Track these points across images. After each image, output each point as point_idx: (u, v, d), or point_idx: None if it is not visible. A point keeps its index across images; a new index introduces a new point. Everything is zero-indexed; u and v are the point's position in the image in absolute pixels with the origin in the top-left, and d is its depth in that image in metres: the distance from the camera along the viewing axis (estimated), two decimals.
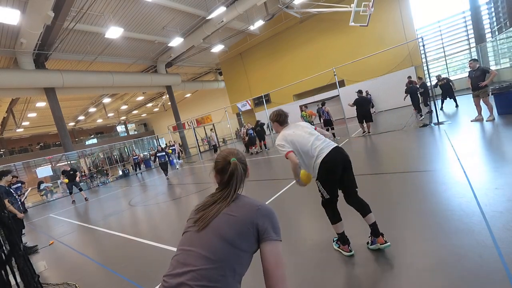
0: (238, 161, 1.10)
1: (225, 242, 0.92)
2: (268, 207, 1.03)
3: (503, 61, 12.88)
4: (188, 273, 0.88)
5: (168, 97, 22.67)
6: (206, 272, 0.87)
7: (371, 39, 15.52)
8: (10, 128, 26.24)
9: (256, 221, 0.96)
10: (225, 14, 13.64)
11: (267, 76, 21.15)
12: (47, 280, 3.43)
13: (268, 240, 0.95)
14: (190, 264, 0.90)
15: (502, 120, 6.18)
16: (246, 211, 0.98)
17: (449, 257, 1.98)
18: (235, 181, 1.07)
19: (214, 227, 0.95)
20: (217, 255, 0.90)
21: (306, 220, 3.44)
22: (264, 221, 0.97)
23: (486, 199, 2.69)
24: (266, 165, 8.44)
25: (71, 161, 17.18)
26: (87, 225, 5.96)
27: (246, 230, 0.94)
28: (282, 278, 0.92)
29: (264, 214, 0.98)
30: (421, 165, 4.36)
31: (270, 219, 0.99)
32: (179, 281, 0.87)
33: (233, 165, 1.08)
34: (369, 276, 2.02)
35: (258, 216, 0.97)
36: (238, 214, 0.97)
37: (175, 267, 0.94)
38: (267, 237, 0.95)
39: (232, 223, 0.96)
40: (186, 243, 0.98)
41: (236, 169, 1.08)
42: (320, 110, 9.39)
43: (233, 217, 0.97)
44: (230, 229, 0.94)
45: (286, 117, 2.52)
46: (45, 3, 9.00)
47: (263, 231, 0.95)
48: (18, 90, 14.08)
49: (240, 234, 0.94)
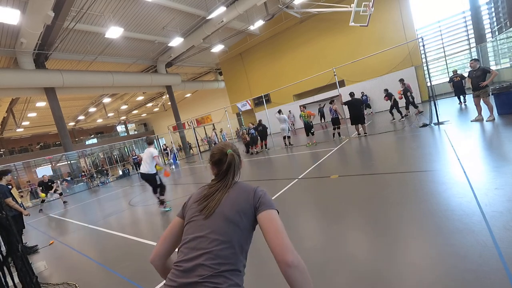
0: (234, 153, 1.21)
1: (231, 223, 1.02)
2: (262, 189, 1.14)
3: (503, 61, 12.86)
4: (202, 255, 0.96)
5: (168, 97, 22.66)
6: (220, 252, 0.97)
7: (371, 39, 15.51)
8: (10, 128, 26.22)
9: (252, 200, 1.08)
10: (225, 14, 13.63)
11: (267, 76, 21.14)
12: (47, 280, 3.43)
13: (263, 211, 1.04)
14: (203, 248, 0.98)
15: (502, 120, 6.17)
16: (244, 194, 1.10)
17: (449, 257, 1.98)
18: (232, 170, 1.17)
19: (219, 212, 1.05)
20: (226, 236, 1.00)
21: (306, 220, 3.44)
22: (259, 198, 1.08)
23: (486, 199, 2.69)
24: (266, 165, 8.44)
25: (71, 161, 17.18)
26: (87, 225, 5.96)
27: (247, 210, 1.05)
28: (287, 247, 0.89)
29: (259, 194, 1.10)
30: (421, 165, 4.35)
31: (264, 197, 1.10)
32: (195, 263, 0.95)
33: (230, 156, 1.19)
34: (369, 276, 2.02)
35: (255, 196, 1.09)
36: (238, 197, 1.09)
37: (187, 253, 1.00)
38: (261, 208, 1.05)
39: (234, 206, 1.06)
40: (195, 231, 1.05)
41: (233, 159, 1.19)
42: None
43: (234, 200, 1.08)
44: (233, 212, 1.04)
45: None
46: (45, 3, 8.99)
47: (258, 205, 1.07)
48: (18, 90, 14.06)
49: (242, 214, 1.04)
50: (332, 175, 5.02)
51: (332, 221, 3.15)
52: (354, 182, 4.40)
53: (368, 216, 3.04)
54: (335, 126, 9.51)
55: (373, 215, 3.01)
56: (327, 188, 4.47)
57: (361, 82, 16.23)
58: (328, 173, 5.27)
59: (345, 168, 5.66)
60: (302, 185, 5.00)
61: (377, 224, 2.77)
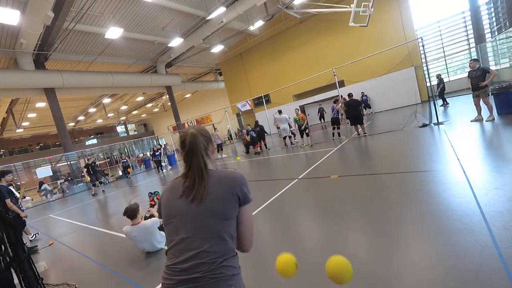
0: (198, 133, 1.09)
1: (219, 219, 1.01)
2: (240, 174, 1.10)
3: (503, 61, 12.87)
4: (197, 255, 0.96)
5: (168, 97, 22.66)
6: (213, 248, 0.97)
7: (370, 40, 15.52)
8: (10, 128, 26.22)
9: (236, 192, 1.04)
10: (225, 15, 13.64)
11: (267, 76, 21.15)
12: (47, 280, 3.43)
13: (246, 203, 1.07)
14: (195, 248, 0.97)
15: (502, 120, 6.18)
16: (226, 186, 1.04)
17: (449, 257, 1.98)
18: (195, 155, 1.05)
19: (204, 209, 1.00)
20: (215, 232, 0.99)
21: (306, 220, 3.44)
22: (242, 189, 1.06)
23: (486, 199, 2.69)
24: (266, 165, 8.43)
25: (71, 161, 17.17)
26: (87, 225, 5.96)
27: (232, 202, 1.03)
28: (252, 242, 1.12)
29: (241, 183, 1.07)
30: (420, 165, 4.36)
31: (246, 186, 1.08)
32: (192, 263, 0.95)
33: (190, 135, 1.07)
34: (369, 276, 2.02)
35: (237, 187, 1.05)
36: (220, 191, 1.03)
37: (179, 255, 0.98)
38: (245, 201, 1.07)
39: (218, 201, 1.02)
40: (181, 232, 1.01)
41: (194, 140, 1.06)
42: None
43: (216, 195, 1.02)
44: (219, 207, 1.01)
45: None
46: (45, 4, 8.99)
47: (243, 197, 1.06)
48: (18, 91, 14.06)
49: (228, 207, 1.03)
50: (332, 175, 5.02)
51: (332, 221, 3.15)
52: (354, 182, 4.40)
53: (368, 216, 3.04)
54: (334, 126, 9.50)
55: (373, 215, 3.01)
56: (327, 188, 4.47)
57: (360, 82, 16.25)
58: (328, 173, 5.27)
59: (345, 168, 5.66)
60: (302, 185, 5.00)
61: (377, 224, 2.78)
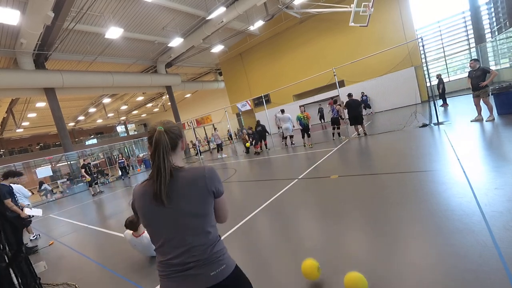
0: (166, 130, 1.05)
1: (199, 217, 1.04)
2: (209, 168, 1.10)
3: (503, 61, 12.88)
4: (188, 250, 1.01)
5: (168, 97, 22.66)
6: (201, 241, 1.02)
7: (370, 40, 15.52)
8: (10, 128, 26.23)
9: (210, 187, 1.06)
10: (225, 15, 13.63)
11: (267, 76, 21.15)
12: (47, 280, 3.43)
13: (220, 196, 1.12)
14: (182, 246, 1.01)
15: (502, 120, 6.18)
16: (199, 184, 1.04)
17: (449, 257, 1.98)
18: (161, 152, 1.01)
19: (182, 214, 1.02)
20: (200, 229, 1.04)
21: (306, 220, 3.44)
22: (214, 183, 1.08)
23: (486, 199, 2.69)
24: (266, 165, 8.43)
25: (71, 161, 17.17)
26: (87, 225, 5.96)
27: (208, 198, 1.06)
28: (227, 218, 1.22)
29: (212, 177, 1.08)
30: (420, 165, 4.35)
31: (217, 179, 1.11)
32: (184, 258, 1.00)
33: (156, 133, 1.03)
34: (369, 276, 2.01)
35: (209, 182, 1.06)
36: (194, 192, 1.04)
37: (170, 252, 1.02)
38: (220, 194, 1.12)
39: (194, 200, 1.03)
40: (163, 233, 1.03)
41: (159, 138, 1.02)
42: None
43: (191, 195, 1.03)
44: (196, 206, 1.03)
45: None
46: (45, 3, 8.99)
47: (217, 191, 1.10)
48: (18, 90, 14.06)
49: (205, 203, 1.06)
50: (332, 175, 5.02)
51: (332, 221, 3.15)
52: (354, 182, 4.40)
53: (368, 216, 3.04)
54: (334, 126, 9.50)
55: (373, 215, 3.01)
56: (327, 188, 4.47)
57: (361, 82, 16.25)
58: (328, 173, 5.27)
59: (345, 168, 5.66)
60: (302, 185, 5.00)
61: (377, 224, 2.77)
